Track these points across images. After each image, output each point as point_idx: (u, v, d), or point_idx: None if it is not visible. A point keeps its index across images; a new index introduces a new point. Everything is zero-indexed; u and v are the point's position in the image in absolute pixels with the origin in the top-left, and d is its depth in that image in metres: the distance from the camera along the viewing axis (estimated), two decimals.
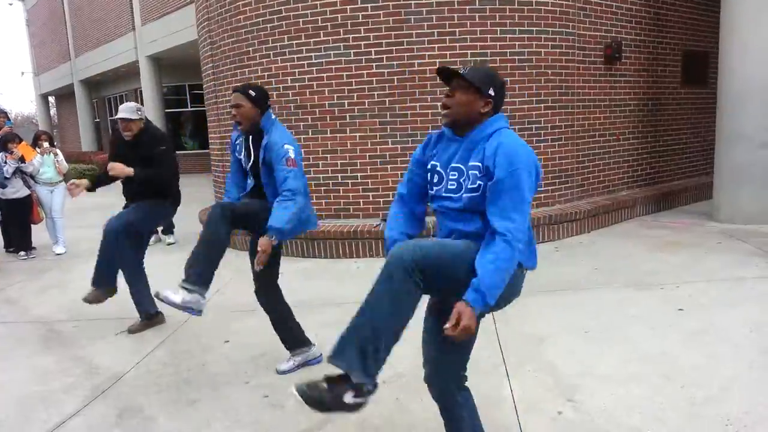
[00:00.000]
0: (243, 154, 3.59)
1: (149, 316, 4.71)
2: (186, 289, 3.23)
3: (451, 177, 2.20)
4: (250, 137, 3.52)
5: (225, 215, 3.32)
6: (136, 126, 4.49)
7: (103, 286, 4.52)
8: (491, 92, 2.17)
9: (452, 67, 2.23)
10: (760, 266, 5.34)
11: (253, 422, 3.18)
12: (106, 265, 4.53)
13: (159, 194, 4.61)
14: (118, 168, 4.39)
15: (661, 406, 3.04)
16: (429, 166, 2.29)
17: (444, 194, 2.22)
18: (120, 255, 4.54)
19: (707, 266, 5.47)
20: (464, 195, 2.15)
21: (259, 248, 3.26)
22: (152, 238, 7.51)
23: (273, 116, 3.53)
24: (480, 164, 2.11)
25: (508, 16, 6.61)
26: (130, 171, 4.39)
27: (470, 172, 2.13)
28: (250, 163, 3.54)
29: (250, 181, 3.58)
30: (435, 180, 2.26)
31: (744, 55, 6.84)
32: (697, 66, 9.10)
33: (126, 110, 4.45)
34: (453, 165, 2.19)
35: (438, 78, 2.27)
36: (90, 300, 4.47)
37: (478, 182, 2.11)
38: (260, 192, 3.54)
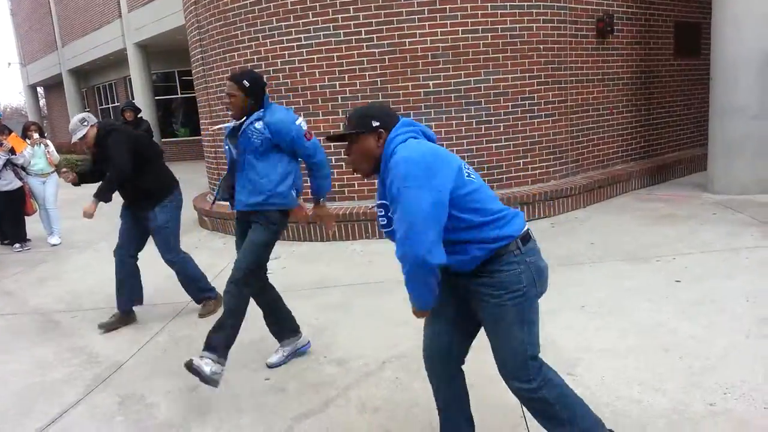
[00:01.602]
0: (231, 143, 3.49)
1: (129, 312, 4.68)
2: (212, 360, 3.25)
3: (380, 214, 2.20)
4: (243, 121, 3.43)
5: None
6: (90, 140, 4.30)
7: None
8: (374, 123, 2.16)
9: (335, 132, 2.33)
10: (755, 236, 5.36)
11: (256, 406, 3.19)
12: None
13: (152, 195, 4.41)
14: (86, 214, 4.26)
15: (660, 377, 3.06)
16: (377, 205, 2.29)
17: (385, 232, 2.21)
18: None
19: (703, 237, 5.49)
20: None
21: (318, 218, 3.74)
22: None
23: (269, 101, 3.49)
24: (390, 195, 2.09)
25: None
26: (90, 211, 4.24)
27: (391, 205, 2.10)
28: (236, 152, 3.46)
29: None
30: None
31: (736, 26, 6.80)
32: (689, 37, 9.05)
33: (74, 131, 4.27)
34: (378, 202, 2.21)
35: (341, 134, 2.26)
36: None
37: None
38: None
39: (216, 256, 6.30)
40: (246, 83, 3.35)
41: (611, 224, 6.30)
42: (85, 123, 4.28)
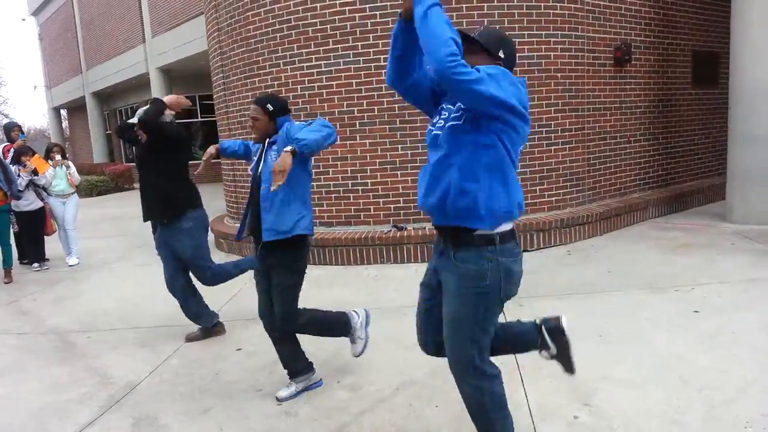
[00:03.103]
0: (254, 163, 3.55)
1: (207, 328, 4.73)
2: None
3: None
4: (265, 144, 3.47)
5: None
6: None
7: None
8: (501, 54, 2.35)
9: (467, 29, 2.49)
10: None
11: (267, 430, 3.17)
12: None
13: (176, 203, 4.41)
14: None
15: (678, 410, 3.00)
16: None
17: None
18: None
19: (721, 268, 5.42)
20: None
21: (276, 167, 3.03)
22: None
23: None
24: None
25: (516, 20, 6.60)
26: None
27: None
28: (259, 170, 3.48)
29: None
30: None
31: (755, 55, 6.79)
32: (707, 66, 9.04)
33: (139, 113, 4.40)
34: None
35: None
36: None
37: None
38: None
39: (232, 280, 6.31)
40: (270, 107, 3.38)
41: (628, 253, 6.24)
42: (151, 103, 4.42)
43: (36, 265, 7.77)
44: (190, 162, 4.74)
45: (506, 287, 2.30)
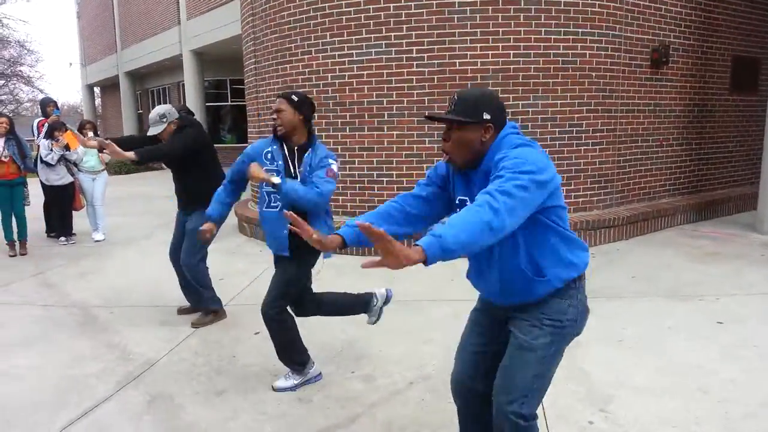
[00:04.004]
0: (278, 165, 3.41)
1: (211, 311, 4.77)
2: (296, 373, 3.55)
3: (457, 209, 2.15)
4: (294, 150, 3.41)
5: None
6: (165, 135, 4.48)
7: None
8: (486, 116, 2.02)
9: (436, 113, 2.16)
10: None
11: (280, 415, 3.19)
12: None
13: (199, 196, 4.45)
14: (108, 149, 4.27)
15: (696, 420, 2.95)
16: (456, 201, 2.19)
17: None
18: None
19: (748, 279, 5.31)
20: None
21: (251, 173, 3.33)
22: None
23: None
24: None
25: (553, 17, 6.51)
26: (115, 150, 4.20)
27: None
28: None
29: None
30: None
31: None
32: (747, 72, 8.83)
33: (152, 124, 4.45)
34: (459, 198, 2.14)
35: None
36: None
37: None
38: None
39: (251, 263, 6.38)
40: (294, 98, 3.37)
41: (654, 258, 6.14)
42: (164, 120, 4.44)
43: (63, 239, 7.90)
44: (217, 146, 4.79)
45: (581, 325, 2.20)
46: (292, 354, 3.52)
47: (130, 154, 4.14)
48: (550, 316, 2.09)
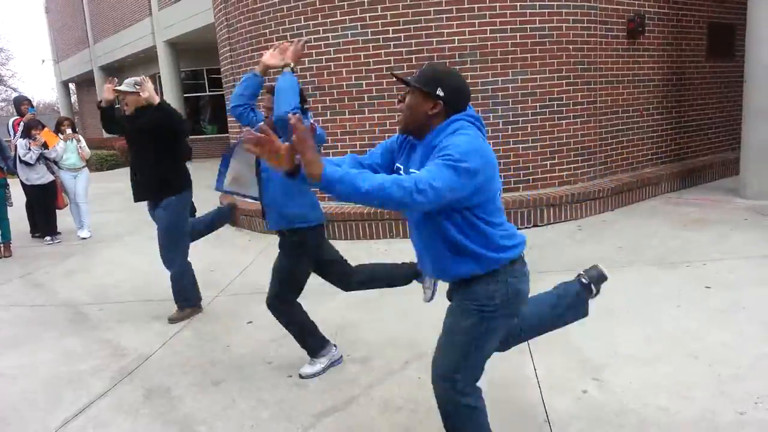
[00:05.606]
0: None
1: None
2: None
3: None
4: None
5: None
6: (130, 101, 4.52)
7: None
8: (440, 92, 2.08)
9: (399, 74, 2.23)
10: None
11: (278, 402, 3.21)
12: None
13: (167, 183, 4.42)
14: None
15: (688, 385, 3.00)
16: (395, 166, 2.26)
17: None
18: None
19: (734, 243, 5.38)
20: None
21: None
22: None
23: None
24: None
25: None
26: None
27: None
28: None
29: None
30: None
31: None
32: (722, 39, 8.87)
33: (125, 84, 4.53)
34: (410, 170, 2.15)
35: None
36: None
37: None
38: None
39: (240, 253, 6.36)
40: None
41: (640, 228, 6.20)
42: (137, 87, 4.49)
43: (48, 238, 7.82)
44: (197, 137, 4.74)
45: (515, 307, 2.23)
46: (308, 340, 3.52)
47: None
48: (478, 300, 2.17)
